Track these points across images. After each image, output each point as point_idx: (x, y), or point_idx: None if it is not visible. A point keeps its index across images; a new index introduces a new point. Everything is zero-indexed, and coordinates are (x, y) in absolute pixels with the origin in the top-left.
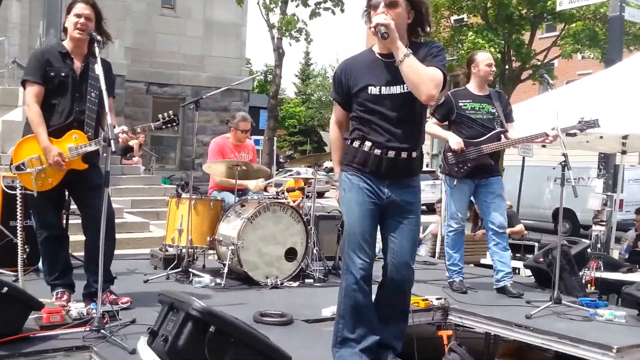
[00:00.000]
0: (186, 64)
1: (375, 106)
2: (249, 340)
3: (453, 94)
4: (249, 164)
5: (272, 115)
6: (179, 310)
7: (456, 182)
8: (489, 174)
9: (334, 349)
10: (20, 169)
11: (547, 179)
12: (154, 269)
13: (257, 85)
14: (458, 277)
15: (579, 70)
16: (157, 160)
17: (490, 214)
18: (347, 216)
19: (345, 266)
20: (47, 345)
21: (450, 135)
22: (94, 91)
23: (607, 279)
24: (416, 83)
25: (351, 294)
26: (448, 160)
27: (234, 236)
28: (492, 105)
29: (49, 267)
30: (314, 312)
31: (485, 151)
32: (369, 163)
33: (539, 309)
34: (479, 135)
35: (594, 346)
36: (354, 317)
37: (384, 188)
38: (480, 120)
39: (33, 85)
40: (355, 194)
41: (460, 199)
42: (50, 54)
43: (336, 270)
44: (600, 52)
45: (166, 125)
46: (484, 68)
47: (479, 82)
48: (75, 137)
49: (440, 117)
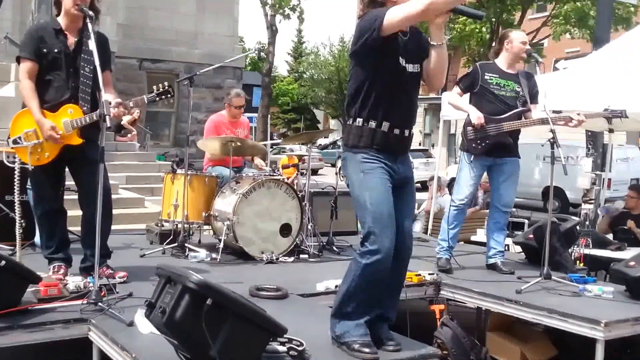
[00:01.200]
0: (179, 40)
1: (399, 82)
2: (245, 312)
3: (481, 65)
4: (244, 140)
5: (265, 93)
6: (176, 283)
7: (473, 159)
8: (507, 153)
9: (336, 319)
10: (16, 143)
11: (536, 157)
12: (150, 244)
13: (250, 63)
14: (445, 255)
15: (567, 48)
16: (152, 137)
17: (499, 192)
18: (372, 197)
19: (374, 247)
20: (45, 318)
21: (471, 109)
22: (88, 66)
23: (596, 256)
24: (442, 72)
25: (376, 274)
26: (467, 135)
27: (229, 212)
28: (519, 84)
29: (47, 241)
30: (309, 286)
31: (505, 129)
32: (388, 144)
33: (529, 284)
34: (500, 112)
35: (582, 321)
36: (368, 295)
37: (396, 165)
38: (503, 97)
39: (26, 61)
40: (379, 175)
41: (472, 175)
42: (44, 31)
43: (330, 245)
44: (589, 33)
45: (160, 96)
46: (518, 45)
47: (510, 59)
48: (71, 111)
49: (464, 87)
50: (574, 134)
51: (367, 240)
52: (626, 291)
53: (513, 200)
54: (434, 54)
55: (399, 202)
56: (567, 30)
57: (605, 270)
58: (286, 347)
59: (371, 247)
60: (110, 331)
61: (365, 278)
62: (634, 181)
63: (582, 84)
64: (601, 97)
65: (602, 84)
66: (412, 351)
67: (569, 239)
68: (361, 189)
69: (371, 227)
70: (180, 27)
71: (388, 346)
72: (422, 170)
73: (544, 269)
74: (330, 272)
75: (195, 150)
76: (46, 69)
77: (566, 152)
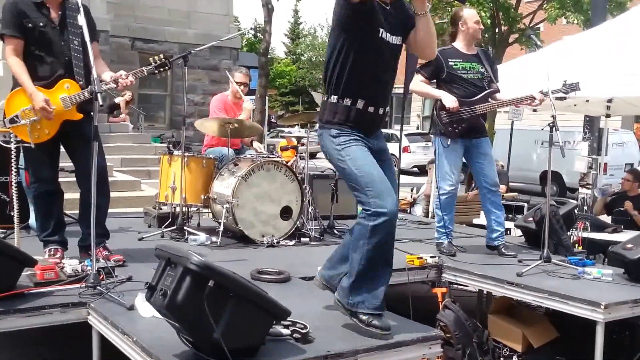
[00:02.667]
0: (172, 19)
1: (377, 55)
2: (248, 294)
3: (441, 52)
4: (242, 121)
5: (263, 73)
6: (176, 265)
7: (450, 142)
8: (480, 133)
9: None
10: (14, 122)
11: (534, 142)
12: (148, 227)
13: (246, 44)
14: (447, 239)
15: (564, 34)
16: (146, 119)
17: (484, 173)
18: (357, 164)
19: (378, 209)
20: (42, 302)
21: (443, 95)
22: (76, 39)
23: (594, 239)
24: (432, 40)
25: (389, 231)
26: (442, 120)
27: (228, 194)
28: (482, 64)
29: (42, 223)
30: (311, 270)
31: (478, 111)
32: (363, 121)
33: (529, 267)
34: (471, 95)
35: (583, 302)
36: (379, 257)
37: (369, 140)
38: (472, 80)
39: (10, 38)
40: (356, 144)
41: (454, 159)
42: (24, 4)
43: (331, 229)
44: (583, 18)
45: (158, 69)
46: (473, 25)
47: (468, 40)
48: (67, 86)
49: (429, 75)
50: (572, 120)
51: (366, 205)
52: (624, 274)
53: (497, 177)
54: (420, 24)
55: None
56: (562, 14)
57: (603, 253)
58: (290, 330)
59: (375, 209)
60: (110, 315)
61: (375, 239)
62: (629, 166)
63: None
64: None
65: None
66: (415, 333)
67: (568, 222)
68: (344, 161)
69: (367, 190)
70: (173, 5)
71: None
72: (421, 155)
73: (543, 252)
74: None
75: (193, 133)
76: (35, 44)
77: (563, 136)
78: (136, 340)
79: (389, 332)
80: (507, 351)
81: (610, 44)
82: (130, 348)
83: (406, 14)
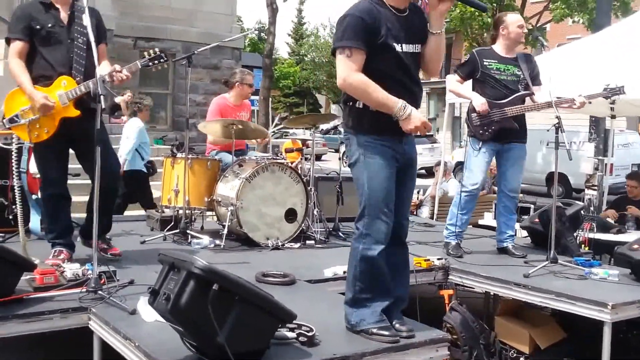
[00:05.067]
0: (175, 18)
1: (395, 63)
2: (253, 298)
3: (478, 52)
4: (246, 122)
5: (267, 74)
6: (180, 269)
7: (481, 145)
8: (514, 138)
9: (351, 307)
10: (13, 122)
11: (539, 142)
12: (150, 230)
13: (249, 44)
14: (455, 240)
15: (568, 35)
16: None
17: (506, 177)
18: (370, 182)
19: (367, 231)
20: (42, 307)
21: (474, 96)
22: (81, 37)
23: (600, 240)
24: (438, 59)
25: (371, 258)
26: (473, 122)
27: (232, 196)
28: (519, 67)
29: (50, 225)
30: (316, 272)
31: (509, 114)
32: (391, 125)
33: (536, 268)
34: (503, 97)
35: (590, 303)
36: (373, 280)
37: (401, 146)
38: (504, 81)
39: (15, 41)
40: (381, 160)
41: (482, 163)
42: (32, 8)
43: (336, 232)
44: (588, 17)
45: (153, 62)
46: (515, 30)
47: (508, 44)
48: (64, 82)
49: (464, 75)
50: (576, 120)
51: (360, 222)
52: (631, 274)
53: (520, 185)
54: (431, 41)
55: (400, 185)
56: (567, 14)
57: (609, 254)
58: (295, 333)
59: (364, 230)
60: (112, 320)
61: (365, 263)
62: (635, 167)
63: (581, 67)
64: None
65: (601, 67)
66: (422, 335)
67: (574, 223)
68: (362, 172)
69: (366, 210)
70: (176, 4)
71: (402, 332)
72: (427, 156)
73: (550, 253)
74: (337, 258)
75: (197, 134)
76: (42, 44)
77: (569, 137)
78: (139, 345)
79: (395, 337)
80: (514, 353)
81: (614, 45)
82: (133, 353)
83: (424, 22)
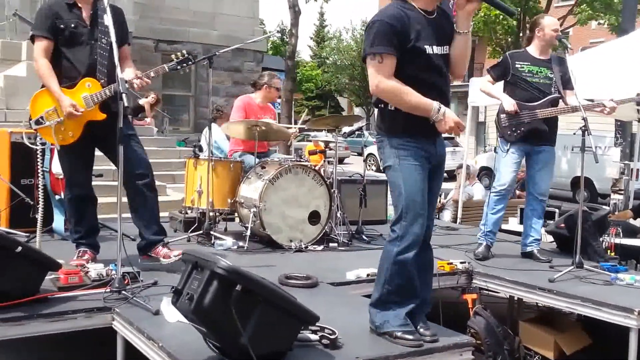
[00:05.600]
0: (196, 21)
1: (426, 65)
2: (276, 299)
3: (511, 54)
4: (269, 124)
5: (289, 77)
6: (203, 269)
7: (509, 146)
8: (544, 140)
9: (375, 309)
10: (39, 123)
11: (564, 147)
12: (174, 232)
13: (271, 47)
14: (484, 241)
15: (592, 39)
16: (170, 122)
17: (535, 180)
18: (407, 184)
19: (404, 233)
20: (66, 307)
21: (504, 97)
22: (105, 38)
23: (626, 245)
24: (464, 60)
25: (404, 261)
26: (501, 123)
27: (255, 198)
28: (551, 70)
29: (74, 226)
30: (340, 275)
31: (539, 116)
32: (424, 126)
33: (561, 273)
34: (534, 99)
35: (616, 309)
36: (403, 283)
37: (434, 147)
38: (536, 84)
39: (40, 39)
40: (414, 161)
41: (510, 164)
42: (58, 6)
43: (359, 234)
44: (615, 18)
45: (181, 64)
46: (550, 32)
47: (542, 46)
48: (89, 85)
49: (496, 76)
50: (602, 124)
51: (396, 225)
52: None
53: (548, 188)
54: (458, 41)
55: (431, 183)
56: (592, 16)
57: (636, 260)
58: (318, 336)
59: (400, 233)
60: (136, 320)
61: (398, 265)
62: None
63: (609, 70)
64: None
65: (627, 70)
66: (446, 340)
67: (600, 228)
68: (397, 175)
69: (403, 213)
70: (197, 7)
71: (425, 336)
72: (449, 160)
73: (576, 258)
74: (360, 261)
75: None
76: (65, 44)
77: (595, 141)
78: (162, 345)
79: (419, 341)
80: (539, 358)
81: None
82: (156, 354)
83: (451, 24)
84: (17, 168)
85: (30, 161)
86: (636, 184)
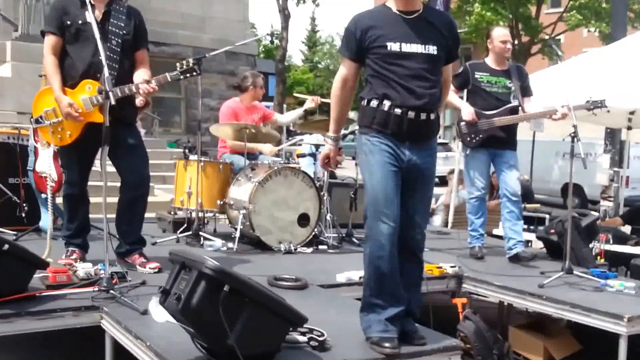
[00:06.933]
0: (185, 23)
1: (394, 63)
2: (264, 300)
3: (471, 65)
4: (258, 127)
5: (280, 80)
6: (191, 269)
7: (469, 151)
8: (503, 145)
9: (362, 313)
10: (39, 122)
11: (555, 154)
12: (162, 232)
13: (263, 51)
14: (478, 243)
15: (584, 46)
16: (161, 124)
17: (505, 182)
18: (370, 180)
19: (369, 232)
20: (54, 305)
21: (463, 105)
22: (116, 39)
23: (616, 252)
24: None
25: (375, 262)
26: (461, 130)
27: (245, 200)
28: (510, 79)
29: (66, 222)
30: (329, 277)
31: (496, 124)
32: (390, 123)
33: (551, 278)
34: (493, 108)
35: (605, 315)
36: (379, 285)
37: (405, 150)
38: (495, 93)
39: (49, 35)
40: (378, 156)
41: (476, 166)
42: (70, 2)
43: (349, 237)
44: (605, 25)
45: (185, 75)
46: (498, 44)
47: (495, 57)
48: (89, 87)
49: (458, 85)
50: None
51: (365, 224)
52: None
53: (519, 188)
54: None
55: (409, 195)
56: (582, 23)
57: (626, 266)
58: (307, 337)
59: (366, 232)
60: (124, 319)
61: (370, 267)
62: None
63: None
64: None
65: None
66: (435, 343)
67: (590, 234)
68: (363, 170)
69: (366, 210)
70: (186, 10)
71: (414, 340)
72: (441, 165)
73: (565, 264)
74: (350, 264)
75: (210, 139)
76: (70, 41)
77: (584, 148)
78: (150, 345)
79: (395, 350)
80: None
81: (632, 56)
82: (144, 353)
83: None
84: (5, 167)
85: (15, 161)
86: (626, 191)
